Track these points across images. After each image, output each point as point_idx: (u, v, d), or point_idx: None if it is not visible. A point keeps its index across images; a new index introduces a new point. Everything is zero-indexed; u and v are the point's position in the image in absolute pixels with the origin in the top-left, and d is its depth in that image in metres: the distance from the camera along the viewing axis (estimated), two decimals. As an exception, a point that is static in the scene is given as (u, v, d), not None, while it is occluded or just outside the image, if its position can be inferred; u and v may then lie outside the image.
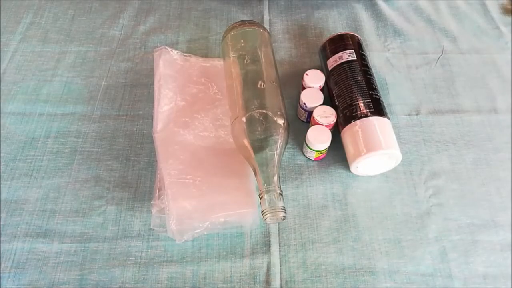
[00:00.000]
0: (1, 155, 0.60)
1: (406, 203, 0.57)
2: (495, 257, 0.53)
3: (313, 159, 0.60)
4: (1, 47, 0.72)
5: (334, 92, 0.61)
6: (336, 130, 0.59)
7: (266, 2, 0.79)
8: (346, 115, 0.57)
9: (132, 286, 0.51)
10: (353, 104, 0.57)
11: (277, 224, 0.55)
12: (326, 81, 0.62)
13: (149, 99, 0.65)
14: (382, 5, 0.79)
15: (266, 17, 0.77)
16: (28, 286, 0.51)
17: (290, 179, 0.59)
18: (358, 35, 0.65)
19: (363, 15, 0.77)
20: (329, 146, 0.58)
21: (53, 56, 0.71)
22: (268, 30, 0.75)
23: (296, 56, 0.72)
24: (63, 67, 0.69)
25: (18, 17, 0.76)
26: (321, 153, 0.59)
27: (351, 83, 0.59)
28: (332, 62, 0.63)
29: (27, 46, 0.72)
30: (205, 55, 0.71)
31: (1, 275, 0.51)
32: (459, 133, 0.64)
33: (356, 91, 0.58)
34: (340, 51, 0.63)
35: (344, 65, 0.61)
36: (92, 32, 0.74)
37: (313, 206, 0.57)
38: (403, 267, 0.52)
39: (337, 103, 0.59)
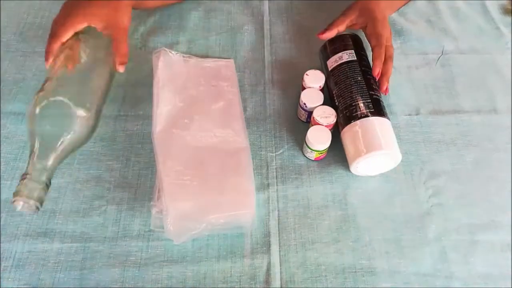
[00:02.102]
0: (1, 155, 0.60)
1: (406, 203, 0.57)
2: (495, 257, 0.53)
3: (313, 159, 0.60)
4: (2, 47, 0.72)
5: (334, 92, 0.61)
6: (336, 130, 0.59)
7: (266, 2, 0.79)
8: (346, 115, 0.57)
9: (132, 286, 0.51)
10: (353, 104, 0.57)
11: (277, 224, 0.55)
12: (326, 81, 0.62)
13: (150, 99, 0.65)
14: (382, 6, 0.79)
15: (266, 17, 0.77)
16: (28, 286, 0.51)
17: (290, 179, 0.59)
18: (358, 35, 0.65)
19: (363, 15, 0.77)
20: (329, 146, 0.58)
21: (54, 56, 0.71)
22: (269, 30, 0.75)
23: (296, 56, 0.72)
24: (63, 67, 0.69)
25: (19, 17, 0.76)
26: (321, 153, 0.59)
27: (351, 83, 0.59)
28: (332, 63, 0.63)
29: (28, 46, 0.72)
30: (205, 55, 0.71)
31: (1, 275, 0.51)
32: (459, 133, 0.64)
33: (356, 91, 0.58)
34: (340, 51, 0.63)
35: (344, 65, 0.61)
36: (92, 32, 0.74)
37: (313, 206, 0.57)
38: (403, 267, 0.52)
39: (337, 103, 0.59)
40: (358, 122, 0.56)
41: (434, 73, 0.70)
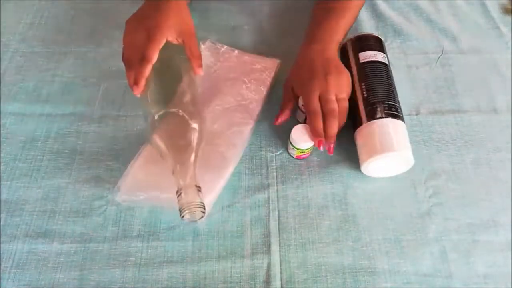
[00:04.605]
0: (1, 155, 0.60)
1: (406, 203, 0.57)
2: (495, 257, 0.53)
3: (295, 157, 0.60)
4: (1, 47, 0.72)
5: (362, 84, 0.60)
6: (341, 130, 0.58)
7: (266, 2, 0.79)
8: (372, 111, 0.57)
9: (132, 287, 0.51)
10: (385, 102, 0.58)
11: (277, 224, 0.55)
12: (351, 69, 0.62)
13: (149, 99, 0.65)
14: (382, 5, 0.79)
15: (266, 17, 0.77)
16: (28, 286, 0.51)
17: (290, 179, 0.59)
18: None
19: (363, 15, 0.77)
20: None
21: (53, 57, 0.71)
22: (269, 30, 0.75)
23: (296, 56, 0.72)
24: (63, 67, 0.69)
25: (18, 17, 0.76)
26: (302, 152, 0.58)
27: (384, 82, 0.60)
28: (366, 56, 0.62)
29: (27, 46, 0.72)
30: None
31: (1, 275, 0.51)
32: (459, 133, 0.64)
33: (387, 91, 0.59)
34: (376, 50, 0.63)
35: (378, 64, 0.62)
36: (92, 32, 0.74)
37: (313, 206, 0.57)
38: (403, 267, 0.52)
39: (365, 95, 0.59)
40: (384, 120, 0.56)
41: (434, 73, 0.70)
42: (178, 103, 0.55)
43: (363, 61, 0.62)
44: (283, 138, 0.63)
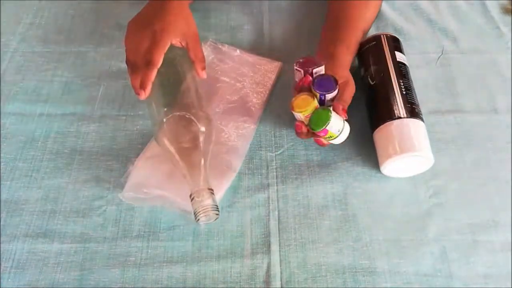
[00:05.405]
0: (1, 155, 0.60)
1: (406, 203, 0.57)
2: (496, 257, 0.53)
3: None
4: (1, 47, 0.72)
5: (401, 82, 0.60)
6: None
7: (266, 2, 0.79)
8: (413, 110, 0.57)
9: (132, 287, 0.51)
10: (418, 105, 0.59)
11: (277, 224, 0.55)
12: (386, 63, 0.62)
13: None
14: (382, 5, 0.78)
15: (266, 17, 0.77)
16: (28, 286, 0.51)
17: (290, 179, 0.59)
18: None
19: (363, 15, 0.77)
20: (330, 147, 0.58)
21: (53, 56, 0.71)
22: (268, 30, 0.75)
23: (296, 56, 0.71)
24: (63, 67, 0.69)
25: (18, 17, 0.76)
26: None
27: (412, 85, 0.61)
28: (401, 58, 0.63)
29: (27, 46, 0.72)
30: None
31: (1, 275, 0.51)
32: (460, 133, 0.64)
33: (415, 93, 0.60)
34: (403, 54, 0.64)
35: (407, 67, 0.63)
36: (92, 32, 0.74)
37: (313, 206, 0.57)
38: (404, 267, 0.52)
39: (404, 92, 0.59)
40: (418, 120, 0.57)
41: (434, 73, 0.70)
42: (184, 106, 0.55)
43: (399, 60, 0.62)
44: (283, 137, 0.63)
